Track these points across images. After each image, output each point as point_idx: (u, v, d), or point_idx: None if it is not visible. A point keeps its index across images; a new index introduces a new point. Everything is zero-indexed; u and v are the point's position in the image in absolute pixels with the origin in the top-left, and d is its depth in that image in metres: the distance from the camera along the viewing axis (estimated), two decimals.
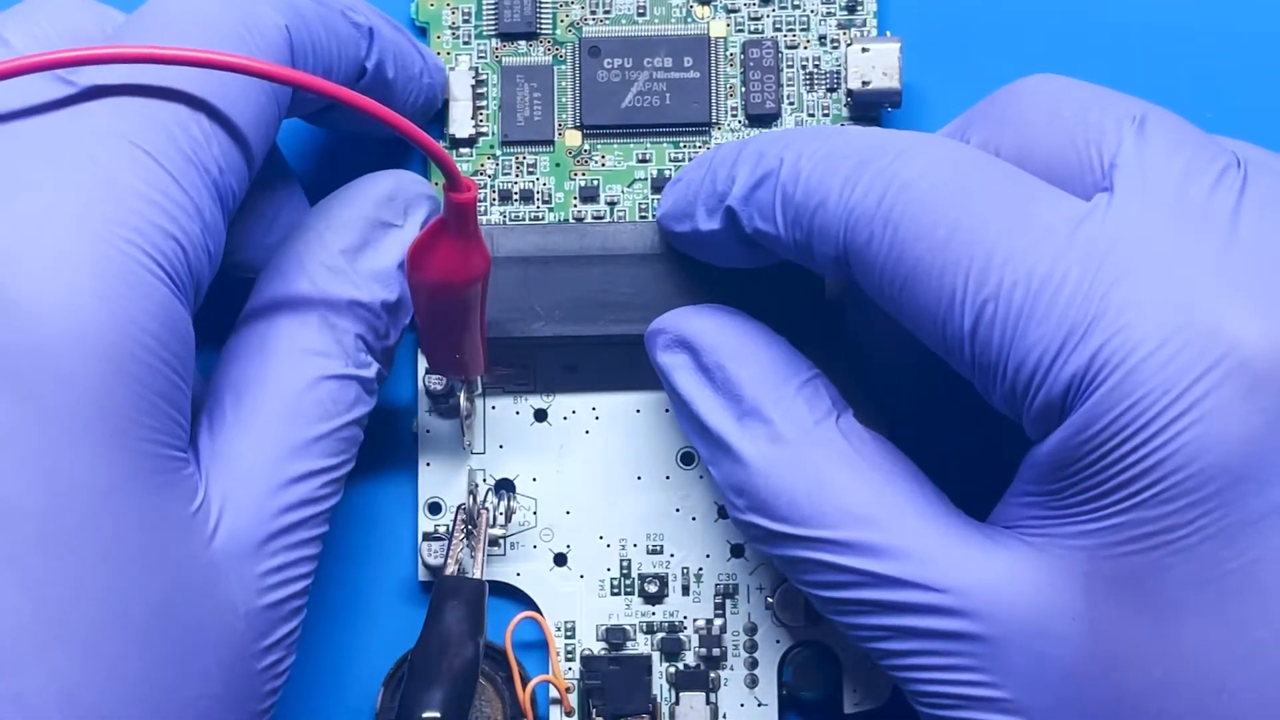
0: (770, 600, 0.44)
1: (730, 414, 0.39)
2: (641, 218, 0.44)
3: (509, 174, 0.44)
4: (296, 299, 0.38)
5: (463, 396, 0.43)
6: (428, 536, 0.44)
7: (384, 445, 0.45)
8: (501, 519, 0.43)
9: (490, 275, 0.40)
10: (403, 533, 0.45)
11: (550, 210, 0.44)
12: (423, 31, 0.45)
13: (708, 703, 0.43)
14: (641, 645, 0.44)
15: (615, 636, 0.44)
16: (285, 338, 0.38)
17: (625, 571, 0.44)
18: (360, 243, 0.39)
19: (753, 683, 0.44)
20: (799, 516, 0.38)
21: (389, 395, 0.45)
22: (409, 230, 0.40)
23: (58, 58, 0.34)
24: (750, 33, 0.44)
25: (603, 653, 0.44)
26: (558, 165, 0.44)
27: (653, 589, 0.44)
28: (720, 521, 0.44)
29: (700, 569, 0.44)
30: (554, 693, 0.44)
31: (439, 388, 0.44)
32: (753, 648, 0.44)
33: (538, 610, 0.44)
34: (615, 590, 0.44)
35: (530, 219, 0.44)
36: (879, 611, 0.37)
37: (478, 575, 0.42)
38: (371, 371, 0.39)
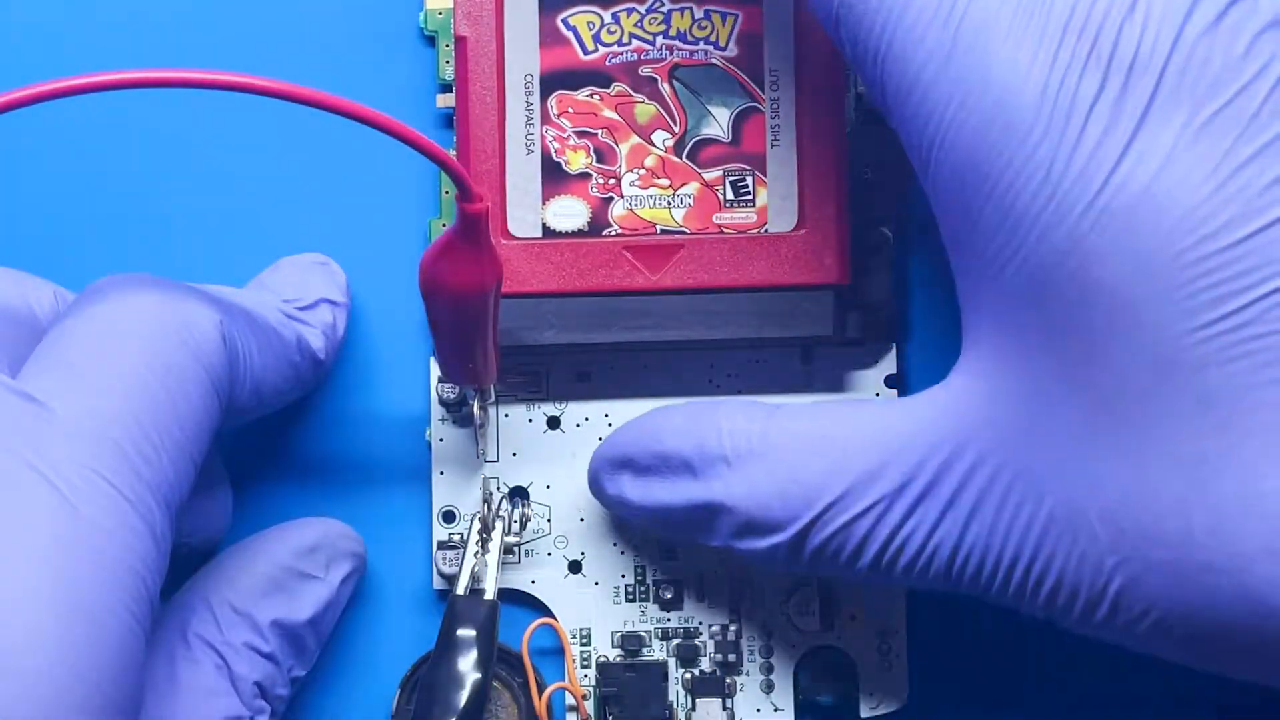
0: (785, 605, 0.44)
1: (693, 480, 0.40)
2: None
3: None
4: (199, 640, 0.39)
5: (475, 405, 0.43)
6: (442, 545, 0.44)
7: (397, 454, 0.45)
8: (516, 527, 0.43)
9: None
10: (417, 541, 0.45)
11: None
12: (431, 40, 0.45)
13: (724, 708, 0.43)
14: (657, 651, 0.44)
15: (631, 643, 0.44)
16: (187, 676, 0.39)
17: (640, 578, 0.44)
18: (271, 590, 0.41)
19: (769, 688, 0.44)
20: (792, 511, 0.39)
21: (401, 404, 0.45)
22: (329, 584, 0.42)
23: None
24: None
25: (618, 659, 0.44)
26: None
27: (668, 595, 0.44)
28: None
29: (715, 574, 0.44)
30: (570, 699, 0.44)
31: (452, 396, 0.44)
32: (768, 652, 0.44)
33: (553, 617, 0.44)
34: (630, 597, 0.44)
35: None
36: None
37: (491, 585, 0.42)
38: (266, 715, 0.40)
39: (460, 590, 0.42)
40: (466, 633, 0.42)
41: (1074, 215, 0.34)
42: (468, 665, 0.41)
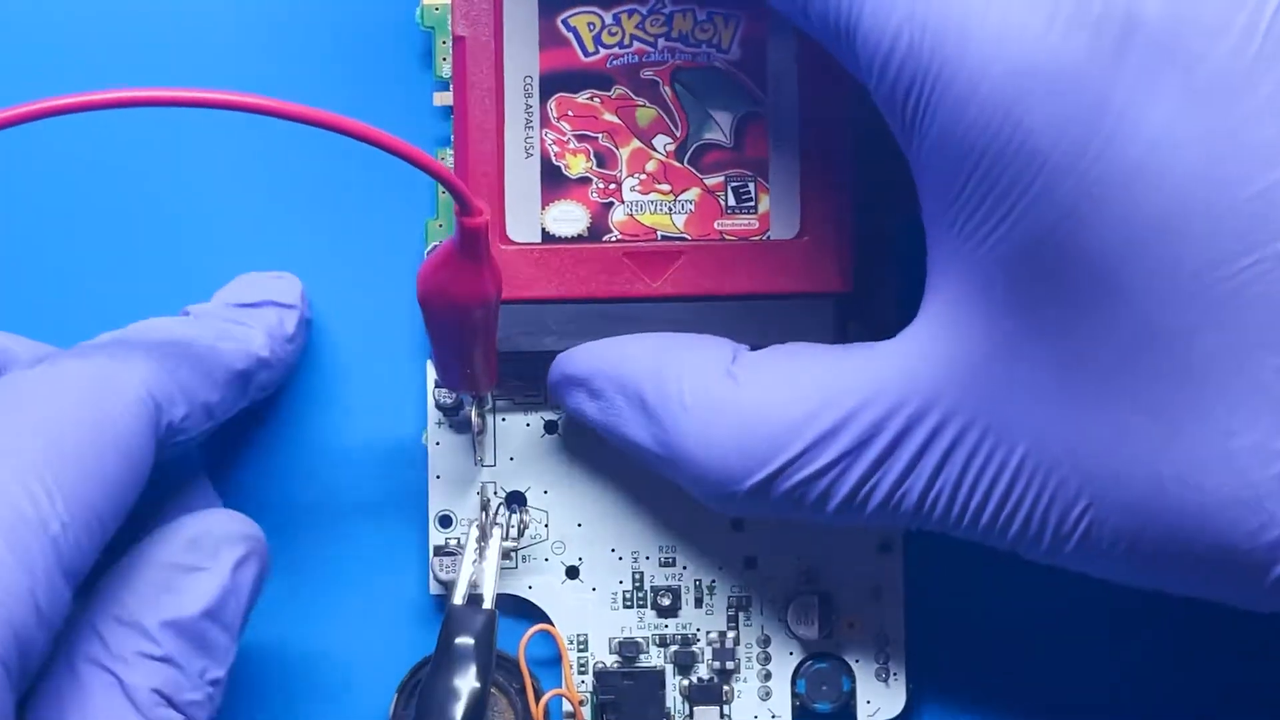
0: (783, 612, 0.44)
1: (648, 420, 0.40)
2: None
3: None
4: (87, 663, 0.37)
5: (473, 411, 0.43)
6: (439, 551, 0.44)
7: (393, 459, 0.44)
8: (514, 533, 0.43)
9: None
10: (413, 546, 0.44)
11: None
12: (428, 35, 0.44)
13: (721, 716, 0.43)
14: (655, 658, 0.44)
15: (628, 650, 0.44)
16: (74, 706, 0.37)
17: (638, 584, 0.44)
18: (156, 592, 0.38)
19: (766, 695, 0.44)
20: (760, 455, 0.38)
21: (397, 408, 0.44)
22: (218, 572, 0.38)
23: None
24: None
25: (615, 666, 0.44)
26: None
27: (666, 602, 0.44)
28: (734, 533, 0.44)
29: (713, 581, 0.44)
30: (567, 706, 0.44)
31: (449, 401, 0.43)
32: (766, 660, 0.44)
33: (550, 623, 0.44)
34: (628, 603, 0.44)
35: None
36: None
37: (489, 593, 0.42)
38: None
39: (458, 599, 0.42)
40: (465, 642, 0.41)
41: (1064, 185, 0.34)
42: (466, 676, 0.41)
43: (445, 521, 0.44)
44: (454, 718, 0.41)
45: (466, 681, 0.41)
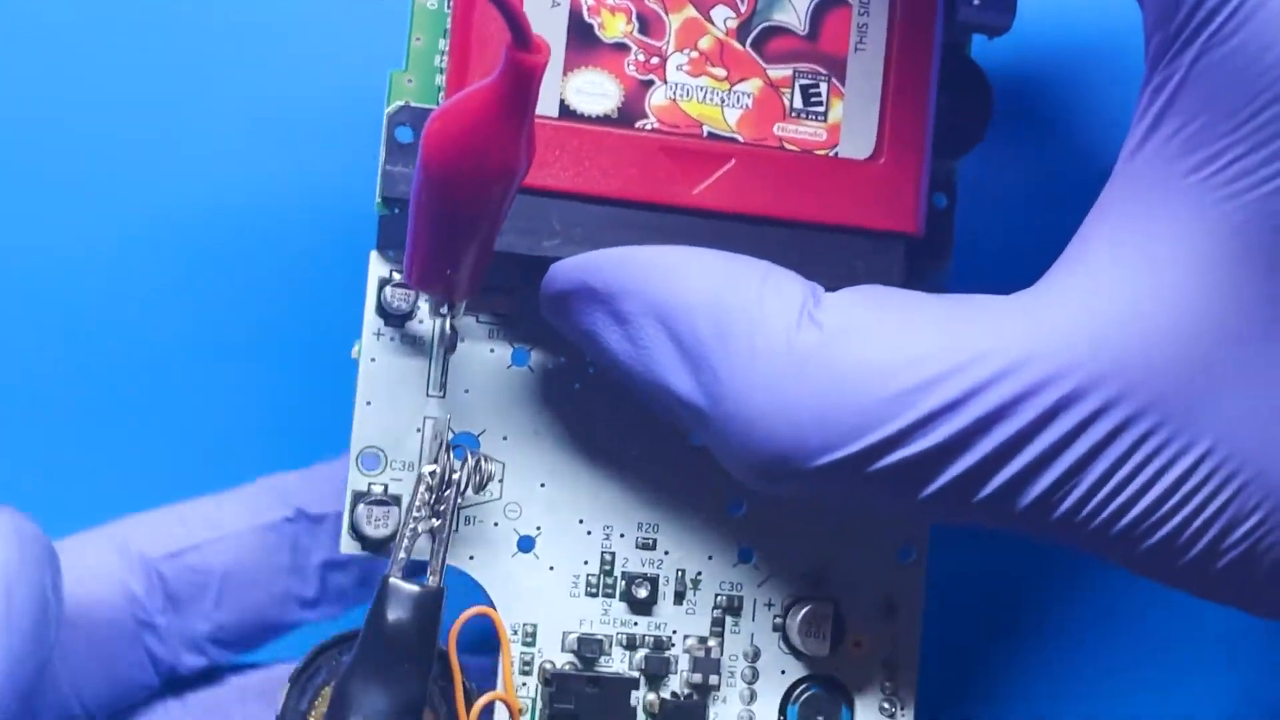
0: (779, 620, 0.35)
1: (695, 368, 0.31)
2: None
3: None
4: None
5: (448, 319, 0.33)
6: (360, 497, 0.34)
7: (312, 373, 0.34)
8: (471, 486, 0.33)
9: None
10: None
11: None
12: None
13: None
14: (617, 662, 0.35)
15: (587, 648, 0.34)
16: None
17: (607, 568, 0.35)
18: None
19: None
20: (849, 424, 0.30)
21: (324, 306, 0.34)
22: None
23: None
24: None
25: (568, 667, 0.34)
26: None
27: (641, 593, 0.35)
28: (728, 520, 0.35)
29: (699, 574, 0.35)
30: (501, 716, 0.34)
31: (403, 306, 0.34)
32: (753, 677, 0.35)
33: (492, 606, 0.34)
34: (592, 590, 0.35)
35: None
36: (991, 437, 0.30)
37: (438, 566, 0.32)
38: None
39: (394, 571, 0.32)
40: (401, 630, 0.32)
41: None
42: (399, 676, 0.31)
43: (370, 462, 0.34)
44: None
45: (400, 683, 0.31)
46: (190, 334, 0.36)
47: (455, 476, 0.33)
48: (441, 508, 0.33)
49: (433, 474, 0.33)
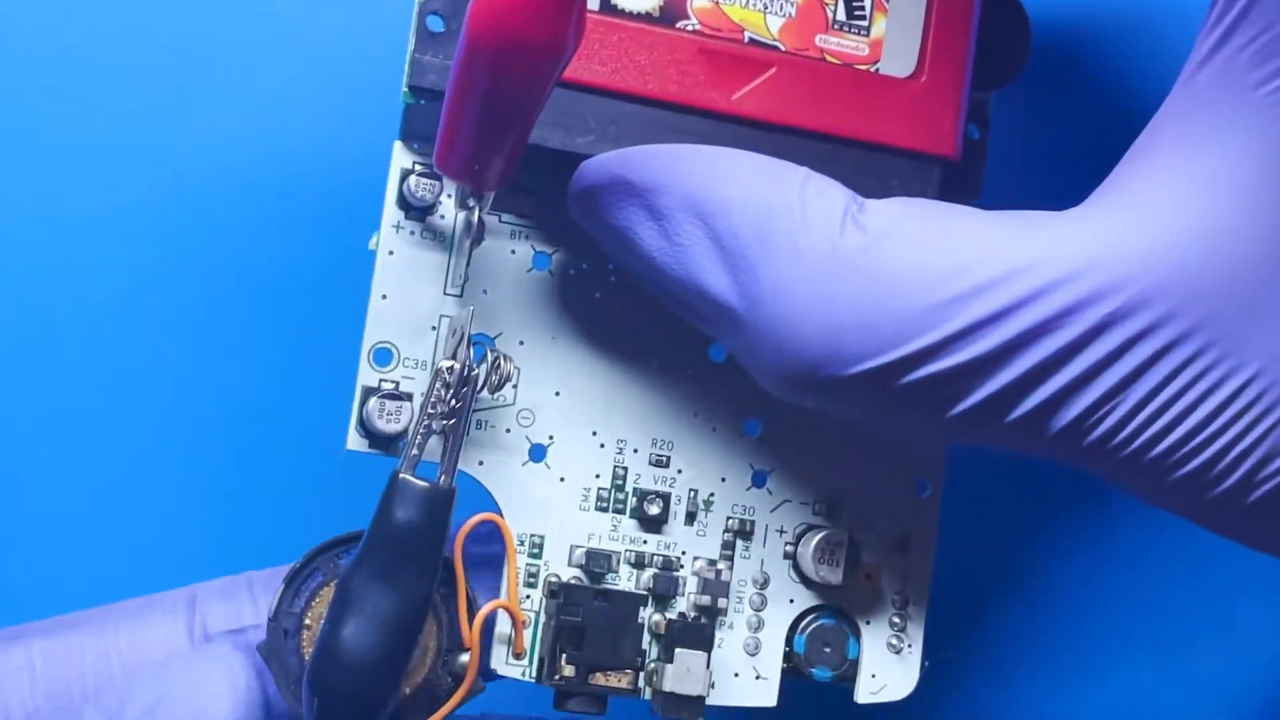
0: (790, 548, 0.34)
1: (735, 268, 0.30)
2: None
3: None
4: None
5: (465, 215, 0.32)
6: (370, 393, 0.32)
7: (326, 263, 0.33)
8: (489, 386, 0.32)
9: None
10: (331, 384, 0.33)
11: None
12: None
13: (708, 667, 0.33)
14: (624, 581, 0.34)
15: (596, 563, 0.33)
16: None
17: (619, 483, 0.34)
18: None
19: (754, 649, 0.34)
20: (890, 331, 0.30)
21: (342, 194, 0.33)
22: None
23: None
24: None
25: (575, 582, 0.33)
26: None
27: (653, 510, 0.34)
28: (742, 439, 0.34)
29: (711, 495, 0.34)
30: (504, 626, 0.33)
31: (425, 197, 0.32)
32: (761, 604, 0.34)
33: (499, 514, 0.33)
34: (602, 505, 0.34)
35: None
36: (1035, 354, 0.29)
37: (451, 466, 0.31)
38: None
39: (405, 468, 0.31)
40: (409, 528, 0.30)
41: None
42: (404, 573, 0.30)
43: (382, 357, 0.33)
44: (387, 633, 0.30)
45: (406, 584, 0.30)
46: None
47: (474, 373, 0.32)
48: (457, 405, 0.32)
49: (450, 369, 0.32)
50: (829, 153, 0.33)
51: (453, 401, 0.32)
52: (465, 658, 0.32)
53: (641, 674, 0.33)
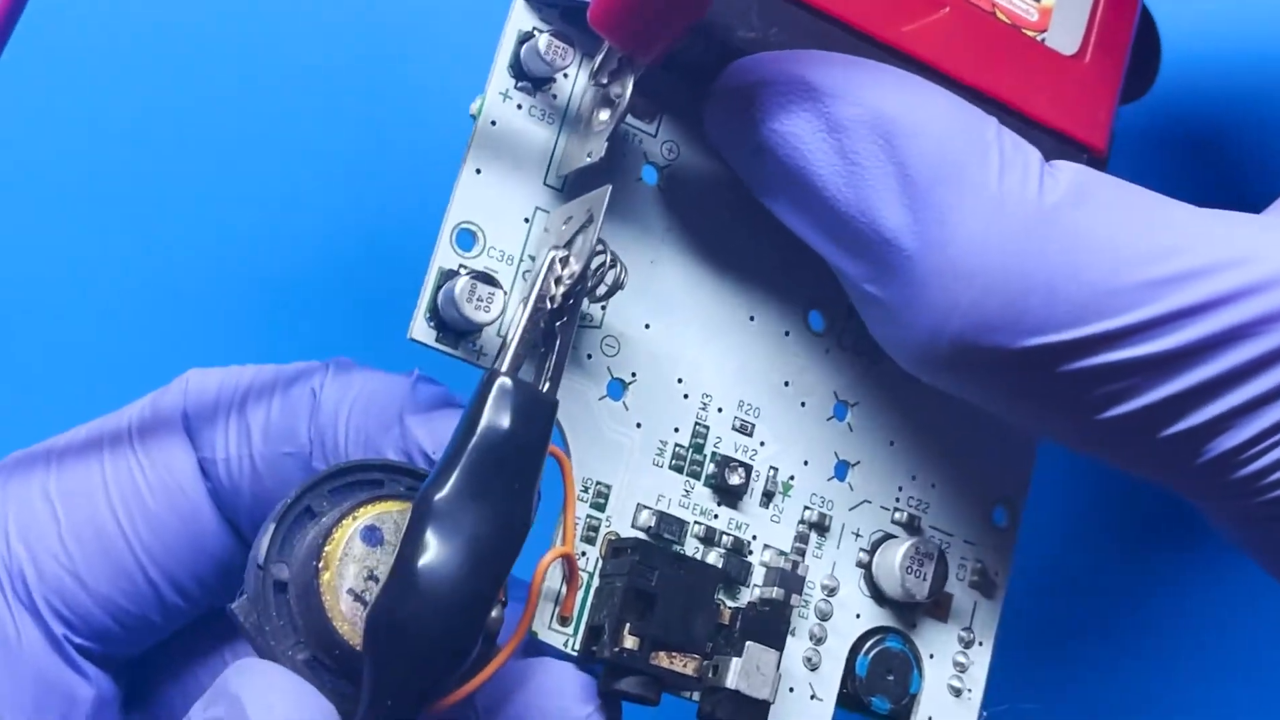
0: (865, 556, 0.30)
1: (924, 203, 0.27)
2: None
3: None
4: None
5: (602, 91, 0.27)
6: (448, 276, 0.27)
7: (419, 129, 0.27)
8: (600, 289, 0.27)
9: None
10: (403, 264, 0.27)
11: None
12: None
13: (778, 669, 0.28)
14: (690, 555, 0.29)
15: (668, 528, 0.28)
16: None
17: (699, 442, 0.29)
18: None
19: (814, 664, 0.29)
20: (1078, 304, 0.26)
21: (448, 59, 0.28)
22: None
23: None
24: None
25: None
26: None
27: (734, 480, 0.29)
28: (833, 423, 0.30)
29: (792, 478, 0.30)
30: (550, 580, 0.27)
31: (555, 60, 0.28)
32: (827, 613, 0.30)
33: (565, 451, 0.28)
34: (678, 464, 0.29)
35: None
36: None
37: (551, 378, 0.26)
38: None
39: (508, 367, 0.26)
40: (512, 439, 0.25)
41: None
42: (505, 494, 0.25)
43: (466, 240, 0.27)
44: (481, 565, 0.24)
45: (505, 502, 0.25)
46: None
47: (597, 270, 0.27)
48: (570, 303, 0.26)
49: (565, 259, 0.26)
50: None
51: (564, 298, 0.26)
52: (496, 613, 0.26)
53: (707, 663, 0.28)
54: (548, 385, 0.26)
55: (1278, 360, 0.27)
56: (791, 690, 0.29)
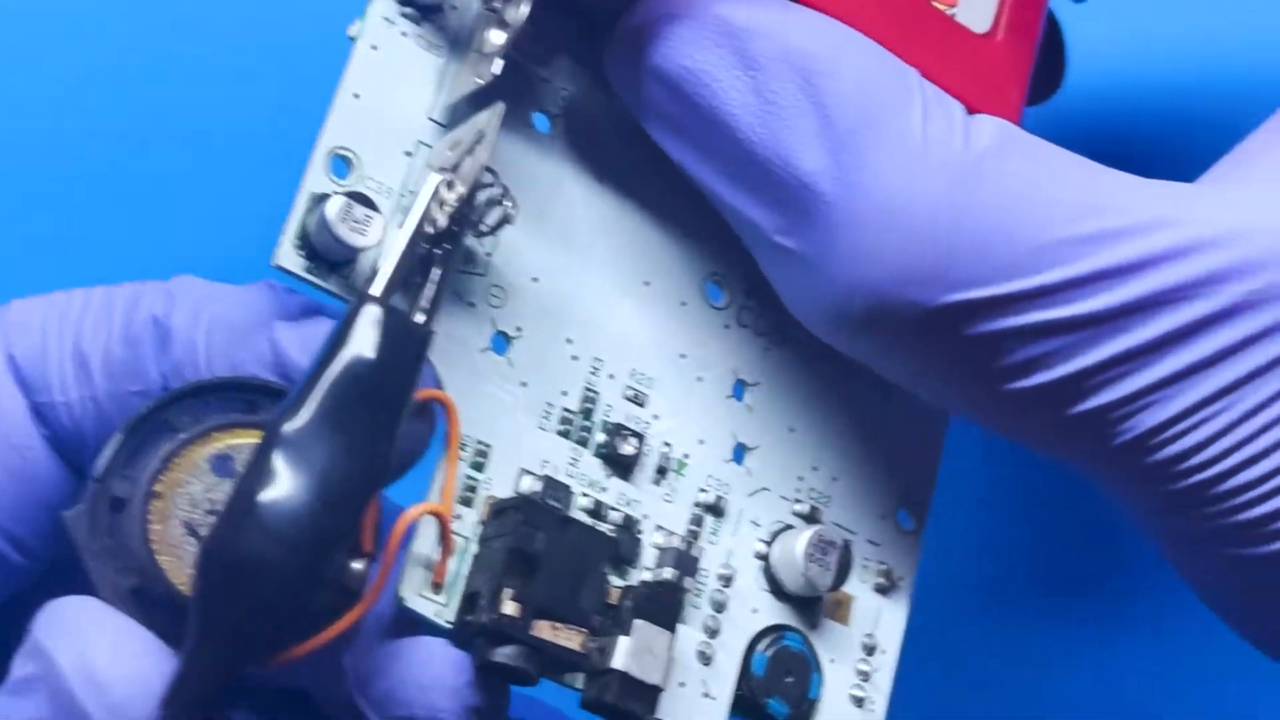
0: (764, 547, 0.27)
1: (825, 139, 0.25)
2: None
3: None
4: None
5: (496, 14, 0.25)
6: (320, 200, 0.24)
7: (287, 51, 0.25)
8: (485, 224, 0.25)
9: None
10: (269, 189, 0.25)
11: None
12: None
13: (669, 651, 0.25)
14: None
15: (554, 496, 0.25)
16: None
17: (588, 407, 0.26)
18: None
19: (706, 658, 0.27)
20: (1005, 259, 0.24)
21: None
22: None
23: None
24: None
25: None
26: None
27: (626, 450, 0.26)
28: (731, 402, 0.28)
29: (687, 456, 0.27)
30: (423, 544, 0.24)
31: None
32: (721, 605, 0.27)
33: (443, 395, 0.25)
34: (564, 429, 0.26)
35: None
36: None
37: (427, 308, 0.24)
38: None
39: (381, 293, 0.23)
40: (379, 370, 0.22)
41: None
42: (367, 428, 0.22)
43: (340, 167, 0.25)
44: (335, 501, 0.22)
45: (365, 440, 0.22)
46: None
47: (485, 200, 0.24)
48: (454, 229, 0.24)
49: (450, 183, 0.24)
50: None
51: (448, 223, 0.24)
52: (359, 566, 0.23)
53: (593, 644, 0.25)
54: (423, 318, 0.24)
55: (1204, 329, 0.25)
56: (683, 685, 0.26)
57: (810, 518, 0.28)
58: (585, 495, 0.26)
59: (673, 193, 0.27)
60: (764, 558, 0.27)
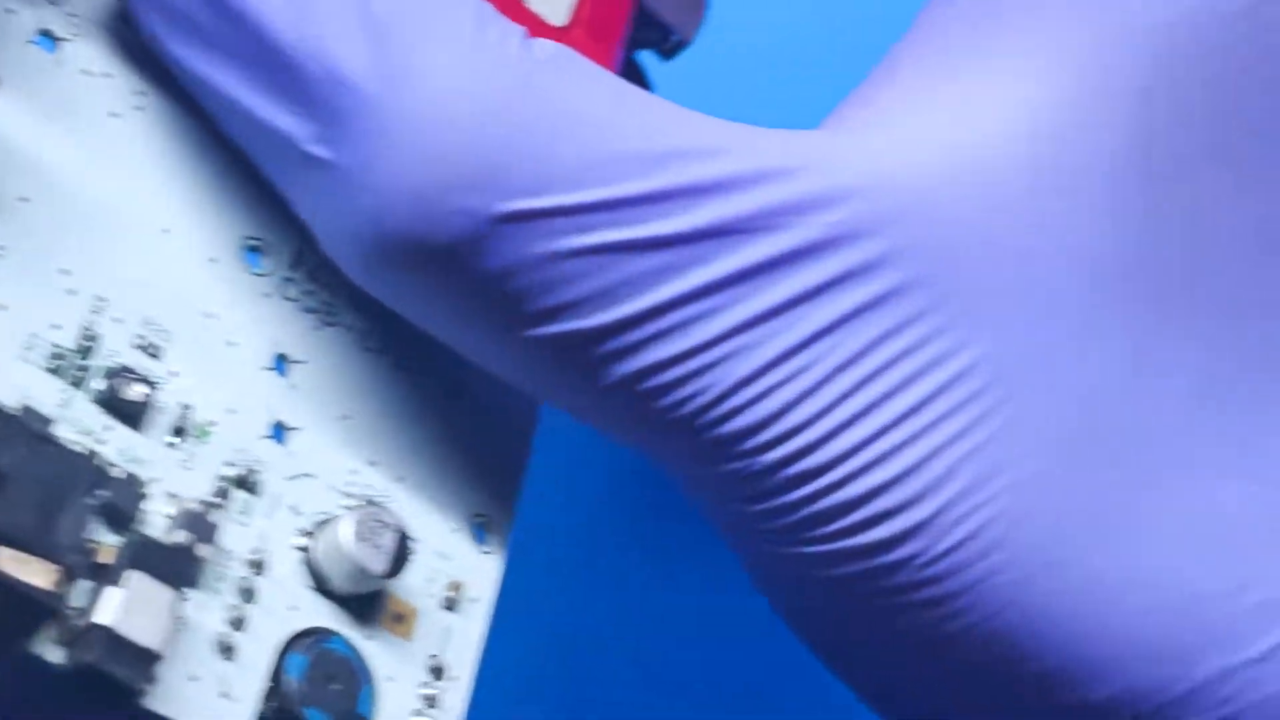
0: (305, 540, 0.23)
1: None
2: None
3: None
4: None
5: None
6: None
7: None
8: None
9: None
10: None
11: None
12: None
13: (173, 613, 0.20)
14: None
15: (35, 422, 0.21)
16: None
17: (86, 347, 0.22)
18: None
19: (226, 650, 0.21)
20: (568, 167, 0.22)
21: None
22: None
23: None
24: None
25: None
26: None
27: (131, 394, 0.22)
28: (270, 376, 0.24)
29: (212, 423, 0.23)
30: None
31: None
32: (250, 595, 0.22)
33: None
34: (54, 367, 0.21)
35: None
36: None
37: None
38: None
39: None
40: None
41: None
42: None
43: None
44: None
45: None
46: None
47: None
48: None
49: None
50: None
51: None
52: None
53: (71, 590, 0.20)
54: None
55: (780, 267, 0.23)
56: (196, 680, 0.21)
57: (371, 501, 0.24)
58: (81, 437, 0.21)
59: (204, 135, 0.24)
60: (305, 550, 0.23)
